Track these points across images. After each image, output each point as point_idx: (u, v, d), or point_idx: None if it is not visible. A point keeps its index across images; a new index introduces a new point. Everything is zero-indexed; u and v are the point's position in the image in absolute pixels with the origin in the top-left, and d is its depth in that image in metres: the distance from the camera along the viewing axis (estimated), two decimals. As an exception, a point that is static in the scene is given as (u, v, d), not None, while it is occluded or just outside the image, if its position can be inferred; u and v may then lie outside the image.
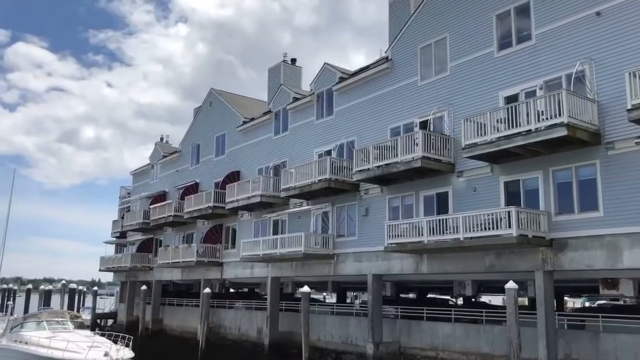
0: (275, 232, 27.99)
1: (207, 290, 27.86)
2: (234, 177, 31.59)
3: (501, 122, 16.84)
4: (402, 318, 22.70)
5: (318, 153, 26.04)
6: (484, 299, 40.06)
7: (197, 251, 31.36)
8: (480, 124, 17.37)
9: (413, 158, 19.10)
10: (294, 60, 33.30)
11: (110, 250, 49.03)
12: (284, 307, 28.85)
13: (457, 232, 17.43)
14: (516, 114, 16.43)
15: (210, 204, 30.79)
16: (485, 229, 16.79)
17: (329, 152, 25.17)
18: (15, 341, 25.56)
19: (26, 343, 24.61)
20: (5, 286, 68.87)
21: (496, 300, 40.08)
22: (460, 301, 35.34)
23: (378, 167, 20.49)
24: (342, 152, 24.55)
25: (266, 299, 36.41)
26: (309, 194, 24.51)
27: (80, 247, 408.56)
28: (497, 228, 16.40)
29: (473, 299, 29.98)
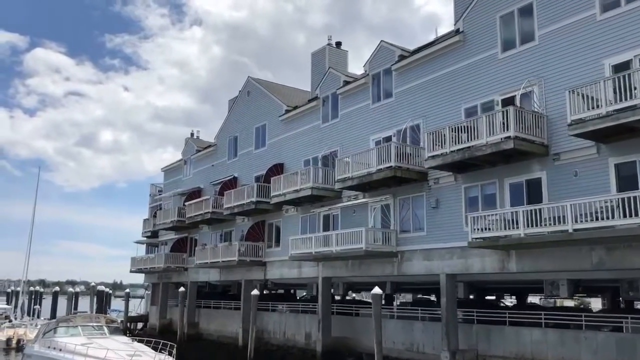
0: (325, 228, 25.61)
1: (255, 292, 25.59)
2: (277, 169, 29.29)
3: (613, 93, 14.26)
4: (477, 323, 20.19)
5: (375, 140, 23.61)
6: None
7: (239, 250, 29.11)
8: (587, 96, 14.80)
9: (502, 139, 16.53)
10: (339, 44, 30.91)
11: (141, 250, 47.16)
12: (335, 311, 26.45)
13: (561, 223, 14.85)
14: (629, 83, 13.86)
15: (253, 199, 28.50)
16: (596, 218, 14.21)
17: (388, 139, 22.70)
18: (49, 347, 23.58)
19: (60, 350, 22.60)
20: (32, 289, 67.60)
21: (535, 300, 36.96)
22: (508, 303, 32.72)
23: (456, 151, 17.98)
24: (404, 138, 22.06)
25: (307, 300, 34.23)
26: (369, 185, 22.06)
27: (101, 250, 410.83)
28: (612, 217, 13.83)
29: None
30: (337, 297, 33.04)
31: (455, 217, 19.57)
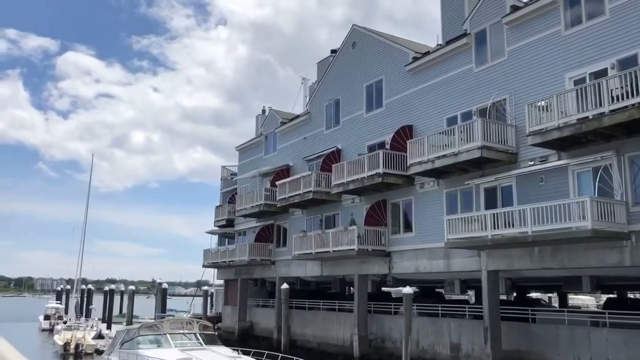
0: (489, 205, 19.04)
1: (408, 289, 19.24)
2: (404, 133, 22.89)
3: None
4: None
5: (574, 78, 16.93)
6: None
7: (359, 236, 22.81)
8: None
9: None
10: (476, -26, 24.19)
11: (207, 243, 41.47)
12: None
13: None
14: None
15: (379, 171, 22.14)
16: None
17: (601, 73, 16.02)
18: (132, 363, 17.88)
19: (149, 368, 16.87)
20: (84, 287, 63.24)
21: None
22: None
23: None
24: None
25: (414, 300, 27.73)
26: (587, 136, 15.39)
27: (137, 249, 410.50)
28: None
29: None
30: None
31: None
